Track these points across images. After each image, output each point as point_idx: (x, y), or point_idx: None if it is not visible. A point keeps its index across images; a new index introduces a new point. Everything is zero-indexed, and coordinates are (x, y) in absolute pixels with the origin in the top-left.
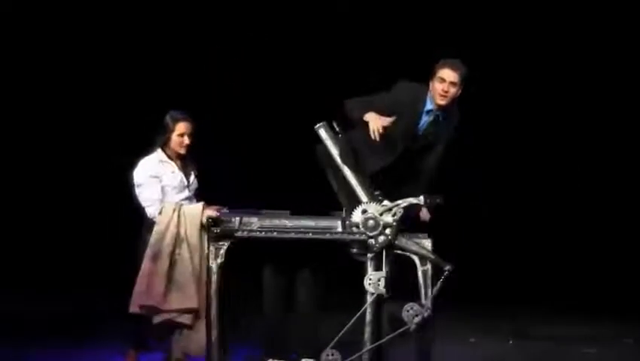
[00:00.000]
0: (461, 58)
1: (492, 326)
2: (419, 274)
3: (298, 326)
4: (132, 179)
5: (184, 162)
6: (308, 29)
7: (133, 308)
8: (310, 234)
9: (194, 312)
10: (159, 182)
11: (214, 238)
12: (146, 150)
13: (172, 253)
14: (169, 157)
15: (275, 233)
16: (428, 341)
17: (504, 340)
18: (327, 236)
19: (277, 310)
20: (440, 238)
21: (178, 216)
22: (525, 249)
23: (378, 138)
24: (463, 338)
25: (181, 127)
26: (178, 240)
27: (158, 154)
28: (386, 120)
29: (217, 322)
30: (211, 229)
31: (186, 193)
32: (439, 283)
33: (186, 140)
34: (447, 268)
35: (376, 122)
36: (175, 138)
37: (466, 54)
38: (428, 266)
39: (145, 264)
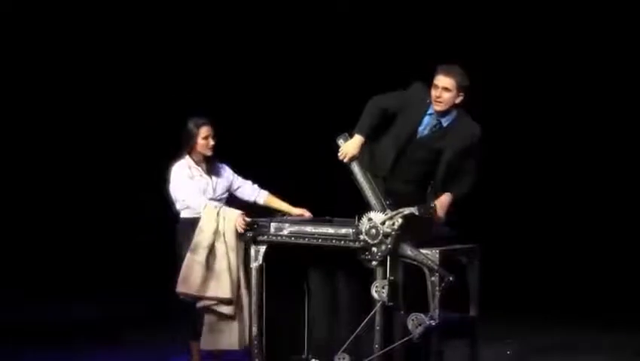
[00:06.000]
0: (461, 59)
1: (490, 336)
2: (428, 284)
3: (312, 329)
4: (168, 181)
5: (210, 165)
6: (307, 29)
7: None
8: (320, 240)
9: (229, 303)
10: (192, 183)
11: (252, 242)
12: (174, 156)
13: (211, 245)
14: (196, 162)
15: (293, 238)
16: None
17: (502, 350)
18: (339, 243)
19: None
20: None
21: (217, 213)
22: (534, 256)
23: (345, 160)
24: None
25: (205, 130)
26: (216, 234)
27: (187, 160)
28: (350, 157)
29: (257, 318)
30: (244, 234)
31: (210, 195)
32: (437, 293)
33: (211, 141)
34: (448, 279)
35: (348, 148)
36: (200, 141)
37: (466, 55)
38: (437, 277)
39: (187, 256)
